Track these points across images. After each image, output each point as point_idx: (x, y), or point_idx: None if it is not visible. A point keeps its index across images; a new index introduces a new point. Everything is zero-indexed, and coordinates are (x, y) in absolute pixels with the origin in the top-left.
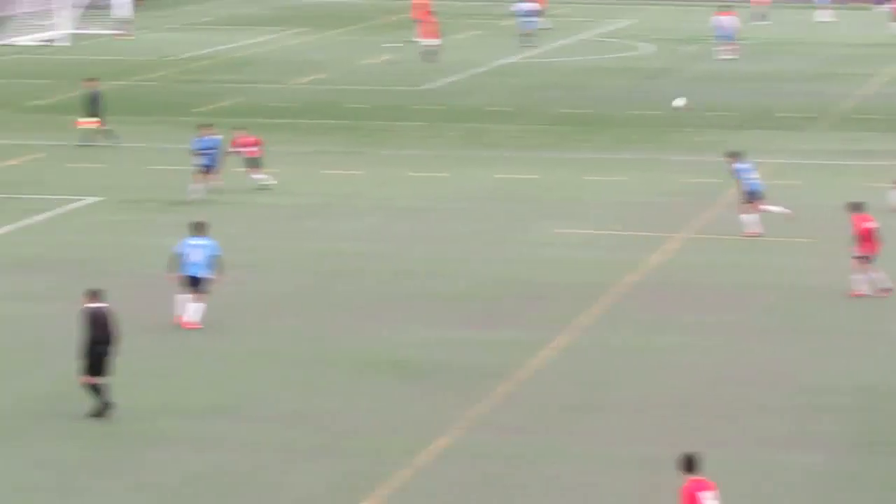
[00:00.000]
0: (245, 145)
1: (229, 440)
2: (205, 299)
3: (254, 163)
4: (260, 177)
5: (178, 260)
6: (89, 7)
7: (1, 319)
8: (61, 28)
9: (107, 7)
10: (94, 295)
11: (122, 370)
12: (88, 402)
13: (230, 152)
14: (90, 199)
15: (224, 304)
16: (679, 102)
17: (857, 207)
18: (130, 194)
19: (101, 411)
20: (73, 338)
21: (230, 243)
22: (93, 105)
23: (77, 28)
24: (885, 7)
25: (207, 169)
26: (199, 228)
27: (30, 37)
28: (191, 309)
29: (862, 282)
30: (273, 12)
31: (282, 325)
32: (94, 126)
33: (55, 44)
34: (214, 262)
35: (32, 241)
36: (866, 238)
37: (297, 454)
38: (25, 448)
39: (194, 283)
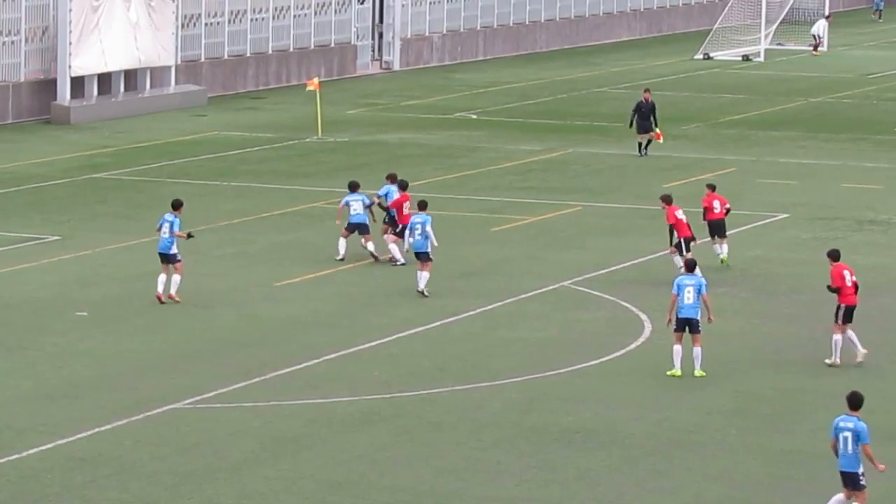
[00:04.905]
0: None
1: None
2: None
3: None
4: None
5: None
6: (782, 23)
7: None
8: (757, 44)
9: (800, 23)
10: None
11: None
12: None
13: None
14: (781, 216)
15: None
16: None
17: None
18: (821, 212)
19: None
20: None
21: None
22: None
23: (772, 44)
24: None
25: None
26: None
27: (729, 52)
28: None
29: None
30: None
31: None
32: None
33: (752, 59)
34: None
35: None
36: None
37: None
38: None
39: None
